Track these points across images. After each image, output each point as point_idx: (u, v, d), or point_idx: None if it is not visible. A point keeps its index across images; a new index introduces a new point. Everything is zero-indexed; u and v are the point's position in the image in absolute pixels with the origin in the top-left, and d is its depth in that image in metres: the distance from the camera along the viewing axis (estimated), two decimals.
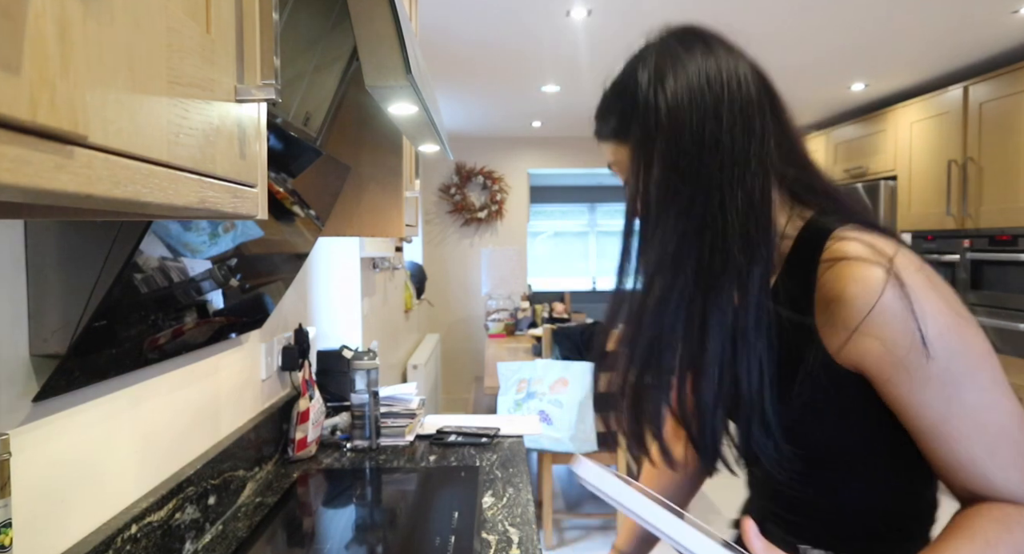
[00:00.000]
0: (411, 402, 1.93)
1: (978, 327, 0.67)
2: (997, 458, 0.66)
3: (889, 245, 0.68)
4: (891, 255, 0.66)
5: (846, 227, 0.72)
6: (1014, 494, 0.66)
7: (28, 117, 0.24)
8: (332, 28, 1.27)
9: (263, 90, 0.47)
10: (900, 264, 0.66)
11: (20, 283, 0.81)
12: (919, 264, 0.67)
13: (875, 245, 0.68)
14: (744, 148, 0.71)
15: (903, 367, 0.65)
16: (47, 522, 0.87)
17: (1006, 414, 0.66)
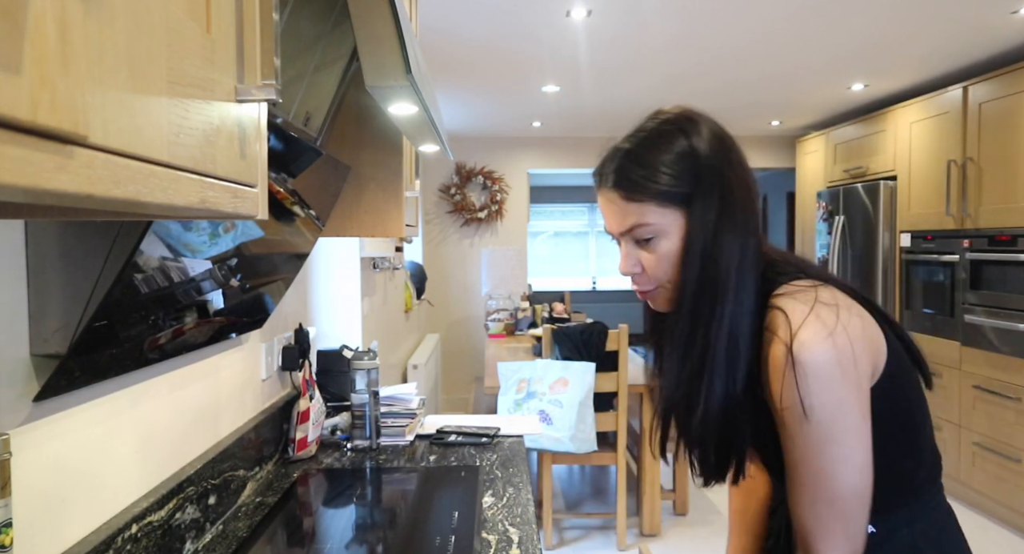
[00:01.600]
0: (411, 402, 1.93)
1: (858, 396, 0.81)
2: (813, 509, 0.83)
3: (802, 310, 0.82)
4: (797, 328, 0.81)
5: (777, 291, 0.87)
6: (806, 542, 0.84)
7: (28, 117, 0.24)
8: (332, 28, 1.27)
9: (263, 90, 0.47)
10: (804, 339, 0.80)
11: (20, 283, 0.81)
12: (830, 327, 0.80)
13: (791, 314, 0.82)
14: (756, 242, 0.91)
15: (784, 421, 0.83)
16: (47, 522, 0.87)
17: (840, 484, 0.81)
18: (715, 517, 3.41)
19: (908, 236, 3.90)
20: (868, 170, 4.27)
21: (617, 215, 0.90)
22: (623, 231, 0.90)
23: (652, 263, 0.90)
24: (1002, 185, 3.24)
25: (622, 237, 0.91)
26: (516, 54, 3.24)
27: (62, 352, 0.83)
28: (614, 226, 0.91)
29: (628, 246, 0.91)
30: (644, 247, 0.90)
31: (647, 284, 0.92)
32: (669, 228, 0.88)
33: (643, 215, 0.88)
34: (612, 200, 0.90)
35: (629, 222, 0.89)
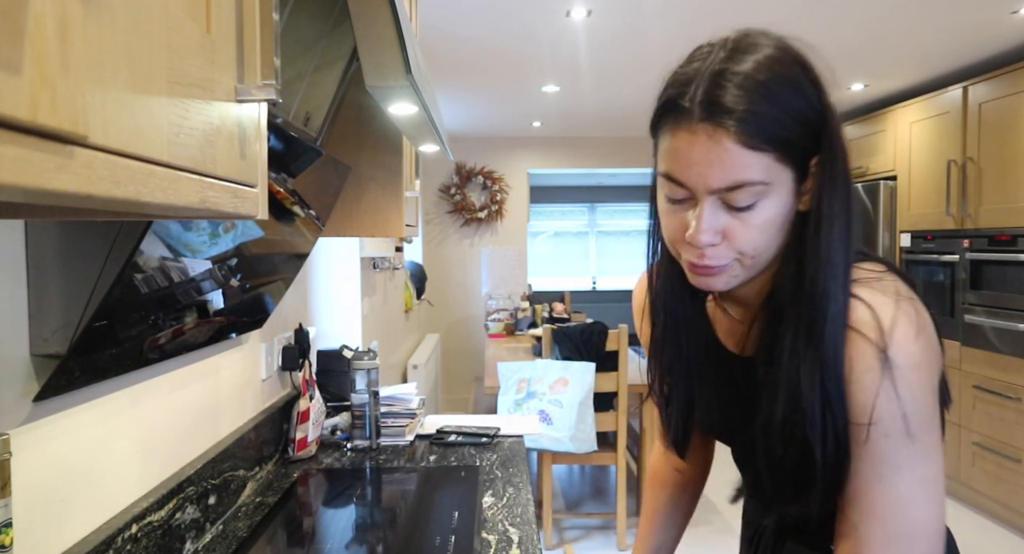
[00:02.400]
0: (411, 402, 1.93)
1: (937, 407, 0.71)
2: (889, 549, 0.69)
3: (888, 304, 0.70)
4: (889, 326, 0.68)
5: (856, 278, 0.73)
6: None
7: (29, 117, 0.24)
8: (332, 28, 1.27)
9: (263, 90, 0.47)
10: (899, 340, 0.68)
11: (20, 283, 0.81)
12: (917, 326, 0.69)
13: (878, 309, 0.70)
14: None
15: (867, 437, 0.70)
16: (47, 522, 0.87)
17: (927, 515, 0.69)
18: (715, 517, 3.41)
19: (908, 236, 3.90)
20: (868, 170, 4.27)
21: (722, 165, 0.66)
22: (720, 188, 0.67)
23: (741, 233, 0.69)
24: (1002, 185, 3.24)
25: (710, 195, 0.68)
26: (516, 54, 3.24)
27: (62, 352, 0.83)
28: (711, 179, 0.67)
29: (712, 208, 0.69)
30: (736, 213, 0.69)
31: (722, 258, 0.71)
32: (776, 190, 0.68)
33: (758, 171, 0.66)
34: (719, 143, 0.65)
35: (737, 177, 0.66)
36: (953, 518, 3.42)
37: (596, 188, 8.36)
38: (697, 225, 0.69)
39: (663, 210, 0.75)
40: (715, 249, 0.71)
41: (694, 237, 0.70)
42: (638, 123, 4.96)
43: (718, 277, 0.73)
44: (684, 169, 0.69)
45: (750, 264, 0.73)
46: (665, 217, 0.75)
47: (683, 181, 0.69)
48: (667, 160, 0.71)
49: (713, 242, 0.70)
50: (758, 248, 0.71)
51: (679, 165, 0.69)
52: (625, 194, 8.40)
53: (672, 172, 0.70)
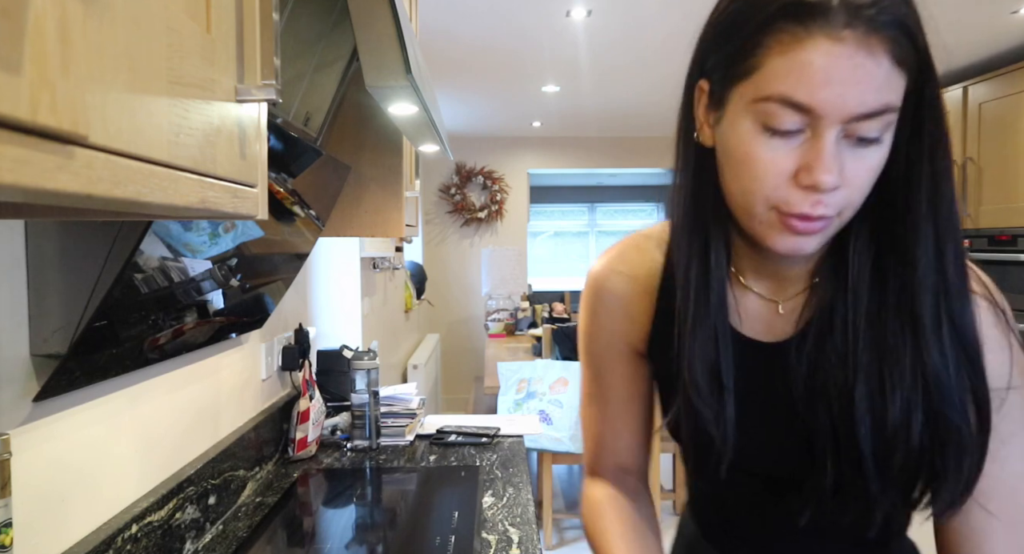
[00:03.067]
0: (411, 402, 1.93)
1: None
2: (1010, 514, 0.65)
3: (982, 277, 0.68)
4: (987, 280, 0.67)
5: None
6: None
7: (28, 117, 0.24)
8: (332, 28, 1.27)
9: (263, 90, 0.47)
10: (998, 292, 0.66)
11: (20, 283, 0.81)
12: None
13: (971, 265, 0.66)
14: None
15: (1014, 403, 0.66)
16: (47, 522, 0.87)
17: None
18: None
19: None
20: None
21: (872, 85, 0.53)
22: (861, 115, 0.54)
23: (858, 175, 0.57)
24: (1002, 185, 3.23)
25: (838, 125, 0.55)
26: (516, 54, 3.24)
27: (62, 352, 0.83)
28: (853, 102, 0.54)
29: (835, 142, 0.56)
30: (857, 149, 0.57)
31: (834, 207, 0.58)
32: (890, 132, 0.58)
33: (899, 94, 0.56)
34: (873, 56, 0.53)
35: (884, 99, 0.54)
36: None
37: (596, 188, 8.36)
38: (822, 162, 0.55)
39: (751, 147, 0.59)
40: (831, 197, 0.57)
41: (818, 177, 0.55)
42: (638, 123, 4.96)
43: (819, 235, 0.60)
44: (818, 89, 0.54)
45: (845, 219, 0.61)
46: (757, 155, 0.58)
47: (811, 105, 0.54)
48: (789, 78, 0.55)
49: (837, 184, 0.57)
50: (862, 196, 0.59)
51: (810, 84, 0.54)
52: (625, 194, 8.41)
53: (795, 94, 0.54)
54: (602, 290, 0.79)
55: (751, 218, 0.62)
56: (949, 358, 0.61)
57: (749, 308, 0.72)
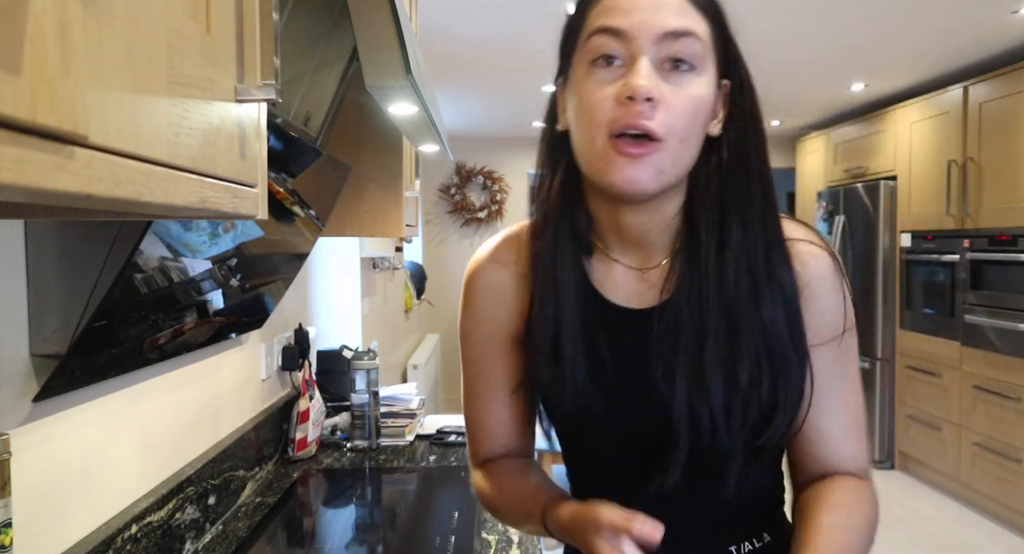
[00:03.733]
0: (411, 402, 1.93)
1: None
2: (850, 432, 0.76)
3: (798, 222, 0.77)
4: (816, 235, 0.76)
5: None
6: (853, 467, 0.76)
7: (28, 117, 0.24)
8: (332, 28, 1.27)
9: (263, 90, 0.47)
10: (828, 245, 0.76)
11: (20, 283, 0.81)
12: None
13: (793, 222, 0.76)
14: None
15: (843, 341, 0.75)
16: (47, 522, 0.87)
17: (861, 396, 0.78)
18: None
19: (908, 236, 3.90)
20: (868, 170, 4.27)
21: (672, 9, 0.66)
22: (669, 32, 0.65)
23: (675, 102, 0.65)
24: (1002, 185, 3.23)
25: (652, 47, 0.65)
26: (516, 54, 3.24)
27: (62, 352, 0.83)
28: (657, 21, 0.65)
29: (649, 63, 0.65)
30: (672, 77, 0.66)
31: (658, 126, 0.64)
32: (705, 73, 0.67)
33: (701, 29, 0.67)
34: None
35: (686, 22, 0.66)
36: (953, 518, 3.42)
37: None
38: (636, 73, 0.64)
39: (585, 89, 0.68)
40: (652, 109, 0.64)
41: (632, 83, 0.63)
42: None
43: (648, 161, 0.65)
44: (624, 14, 0.66)
45: (675, 154, 0.66)
46: (590, 93, 0.67)
47: (621, 27, 0.65)
48: (602, 15, 0.68)
49: (652, 93, 0.64)
50: (687, 129, 0.66)
51: (618, 12, 0.66)
52: None
53: (608, 21, 0.67)
54: (479, 282, 0.83)
55: (593, 157, 0.68)
56: (778, 307, 0.70)
57: (617, 279, 0.77)
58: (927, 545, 3.14)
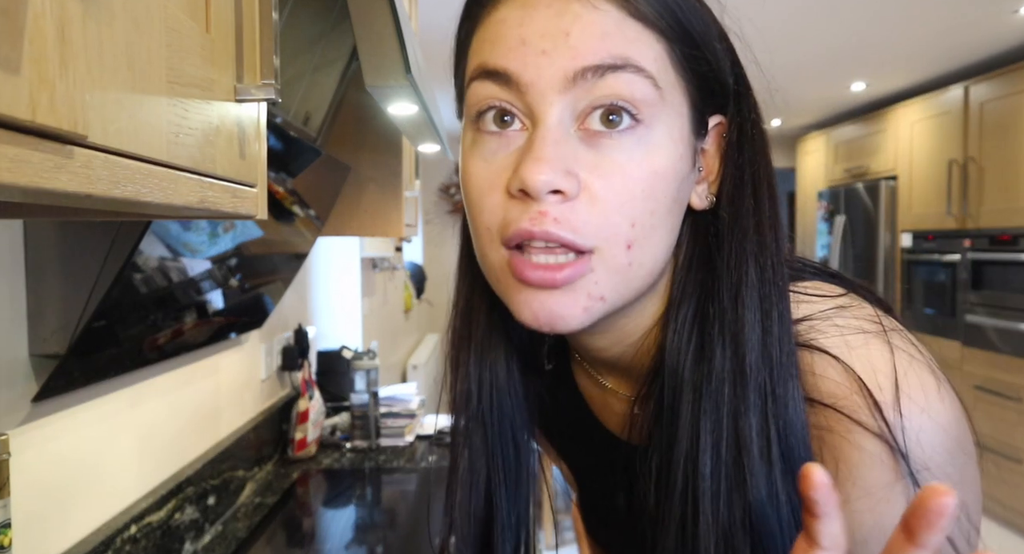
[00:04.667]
0: (411, 402, 1.93)
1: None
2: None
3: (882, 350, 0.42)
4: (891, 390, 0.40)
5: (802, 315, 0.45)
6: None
7: (27, 117, 0.24)
8: (332, 28, 1.27)
9: (263, 90, 0.47)
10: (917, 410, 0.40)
11: (19, 283, 0.81)
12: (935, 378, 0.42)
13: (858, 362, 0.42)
14: None
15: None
16: (46, 522, 0.87)
17: None
18: None
19: (909, 236, 3.90)
20: (869, 170, 4.27)
21: (594, 28, 0.40)
22: (583, 68, 0.40)
23: (610, 176, 0.41)
24: (1003, 185, 3.23)
25: (561, 97, 0.41)
26: None
27: (61, 352, 0.83)
28: (565, 55, 0.40)
29: (557, 127, 0.41)
30: (603, 142, 0.41)
31: (579, 227, 0.41)
32: (665, 121, 0.43)
33: (647, 55, 0.41)
34: (590, 2, 0.41)
35: (614, 49, 0.40)
36: None
37: None
38: (531, 150, 0.40)
39: (468, 168, 0.45)
40: (564, 205, 0.40)
41: (524, 171, 0.39)
42: None
43: (574, 288, 0.42)
44: (514, 48, 0.41)
45: (622, 267, 0.42)
46: (473, 176, 0.44)
47: (508, 68, 0.41)
48: (483, 47, 0.43)
49: (559, 184, 0.39)
50: (641, 225, 0.41)
51: (505, 43, 0.42)
52: None
53: (489, 59, 0.42)
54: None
55: (492, 279, 0.46)
56: (778, 492, 0.42)
57: (614, 407, 0.56)
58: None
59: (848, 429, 0.41)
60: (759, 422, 0.43)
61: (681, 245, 0.48)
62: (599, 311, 0.43)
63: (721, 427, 0.44)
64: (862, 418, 0.40)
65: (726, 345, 0.44)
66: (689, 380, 0.45)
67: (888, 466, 0.40)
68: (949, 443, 0.40)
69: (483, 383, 0.53)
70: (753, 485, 0.42)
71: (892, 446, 0.39)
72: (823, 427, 0.42)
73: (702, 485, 0.43)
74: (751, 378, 0.43)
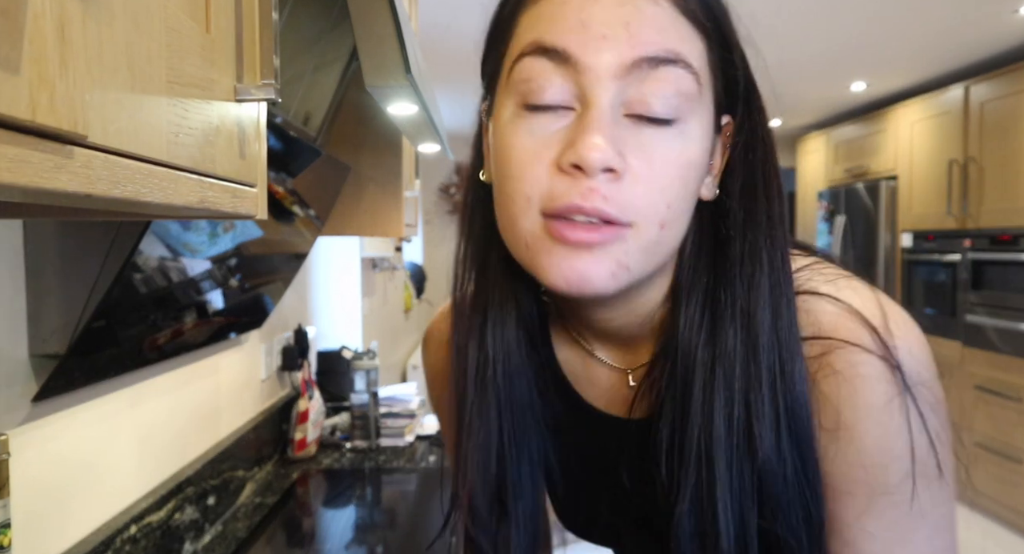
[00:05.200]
0: (411, 402, 1.93)
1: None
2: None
3: (866, 295, 0.49)
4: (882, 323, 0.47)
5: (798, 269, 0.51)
6: None
7: (27, 117, 0.24)
8: (332, 28, 1.27)
9: (263, 90, 0.47)
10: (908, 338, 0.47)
11: (19, 283, 0.81)
12: (913, 322, 0.50)
13: (856, 301, 0.48)
14: None
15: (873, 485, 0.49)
16: (46, 522, 0.87)
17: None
18: None
19: (909, 236, 3.90)
20: (869, 170, 4.27)
21: (652, 21, 0.43)
22: (640, 59, 0.43)
23: (651, 171, 0.44)
24: (1004, 185, 3.23)
25: (613, 83, 0.43)
26: None
27: (61, 352, 0.83)
28: (625, 43, 0.42)
29: (610, 110, 0.43)
30: (646, 131, 0.44)
31: (621, 208, 0.43)
32: (700, 117, 0.46)
33: (695, 53, 0.45)
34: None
35: (672, 45, 0.43)
36: None
37: None
38: (588, 130, 0.42)
39: (510, 140, 0.46)
40: (614, 184, 0.43)
41: (581, 148, 0.42)
42: None
43: (606, 253, 0.44)
44: (574, 29, 0.43)
45: (650, 244, 0.45)
46: (516, 148, 0.45)
47: (567, 48, 0.43)
48: (539, 24, 0.45)
49: (613, 163, 0.42)
50: (672, 209, 0.45)
51: (564, 23, 0.43)
52: None
53: (546, 36, 0.44)
54: (436, 368, 0.68)
55: (519, 242, 0.47)
56: (786, 457, 0.47)
57: (601, 380, 0.58)
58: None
59: (849, 355, 0.46)
60: (770, 397, 0.47)
61: (689, 231, 0.51)
62: (624, 279, 0.46)
63: (733, 402, 0.48)
64: (864, 342, 0.46)
65: (738, 327, 0.49)
66: (701, 358, 0.49)
67: (889, 381, 0.46)
68: (931, 360, 0.48)
69: (497, 352, 0.56)
70: (763, 453, 0.47)
71: (891, 363, 0.46)
72: (823, 361, 0.48)
73: (716, 454, 0.48)
74: (763, 357, 0.48)
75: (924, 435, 0.47)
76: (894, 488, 0.47)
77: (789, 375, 0.47)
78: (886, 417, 0.46)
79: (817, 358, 0.48)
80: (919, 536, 0.48)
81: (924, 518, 0.47)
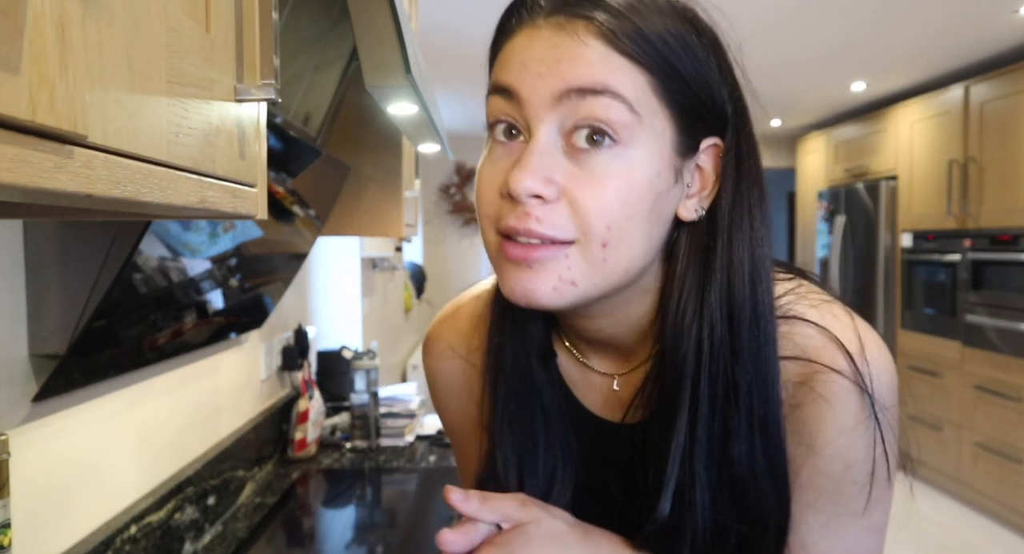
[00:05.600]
0: (411, 402, 1.93)
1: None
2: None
3: (843, 319, 0.55)
4: (857, 346, 0.53)
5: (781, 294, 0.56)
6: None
7: (27, 117, 0.24)
8: (332, 28, 1.27)
9: (263, 90, 0.47)
10: (879, 362, 0.54)
11: (19, 283, 0.81)
12: (883, 344, 0.56)
13: (834, 327, 0.54)
14: None
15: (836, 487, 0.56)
16: (46, 522, 0.87)
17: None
18: None
19: (910, 236, 3.90)
20: (869, 170, 4.27)
21: (574, 60, 0.48)
22: (568, 89, 0.48)
23: (587, 189, 0.48)
24: (1004, 185, 3.23)
25: (550, 113, 0.49)
26: None
27: (61, 352, 0.83)
28: (554, 78, 0.48)
29: (549, 141, 0.49)
30: (582, 157, 0.48)
31: (556, 227, 0.48)
32: (644, 142, 0.49)
33: (627, 84, 0.48)
34: (573, 35, 0.48)
35: (595, 76, 0.47)
36: (954, 518, 3.42)
37: None
38: (520, 161, 0.48)
39: (481, 167, 0.53)
40: (545, 207, 0.48)
41: (510, 179, 0.48)
42: None
43: (547, 269, 0.49)
44: (516, 70, 0.49)
45: (597, 261, 0.49)
46: (482, 175, 0.53)
47: (512, 85, 0.49)
48: (497, 69, 0.52)
49: (538, 191, 0.47)
50: (617, 227, 0.48)
51: (509, 66, 0.50)
52: None
53: (499, 78, 0.51)
54: (438, 370, 0.71)
55: (490, 257, 0.54)
56: (759, 461, 0.53)
57: (596, 386, 0.63)
58: (928, 546, 3.14)
59: (827, 378, 0.52)
60: (746, 409, 0.53)
61: (679, 249, 0.55)
62: (571, 294, 0.50)
63: (714, 414, 0.53)
64: (843, 368, 0.52)
65: (723, 342, 0.53)
66: (687, 367, 0.54)
67: (859, 404, 0.53)
68: (896, 385, 0.55)
69: (519, 353, 0.62)
70: (737, 446, 0.53)
71: (862, 388, 0.52)
72: (805, 383, 0.53)
73: (698, 450, 0.53)
74: (744, 373, 0.53)
75: (881, 448, 0.54)
76: (848, 493, 0.54)
77: (767, 388, 0.53)
78: (855, 435, 0.53)
79: (799, 379, 0.54)
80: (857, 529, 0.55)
81: (868, 517, 0.55)
